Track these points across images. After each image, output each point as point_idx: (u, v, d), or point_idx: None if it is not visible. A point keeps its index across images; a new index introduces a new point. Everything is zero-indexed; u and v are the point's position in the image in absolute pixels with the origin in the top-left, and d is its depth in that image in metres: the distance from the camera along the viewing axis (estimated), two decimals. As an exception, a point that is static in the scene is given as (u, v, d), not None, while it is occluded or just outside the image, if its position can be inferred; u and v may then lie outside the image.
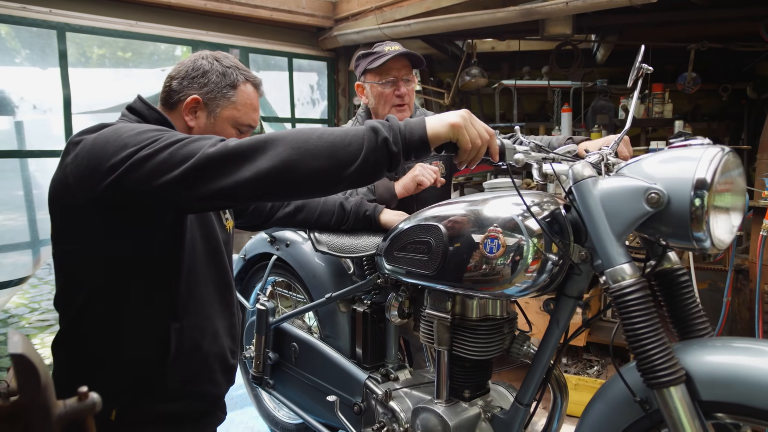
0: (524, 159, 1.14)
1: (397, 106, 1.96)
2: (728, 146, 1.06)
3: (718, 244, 1.03)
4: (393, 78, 1.94)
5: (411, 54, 1.92)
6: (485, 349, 1.39)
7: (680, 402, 1.01)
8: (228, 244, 1.50)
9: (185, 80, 1.31)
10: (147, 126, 1.18)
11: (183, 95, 1.31)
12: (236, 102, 1.33)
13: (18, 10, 2.90)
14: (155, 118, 1.29)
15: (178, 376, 1.30)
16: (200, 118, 1.32)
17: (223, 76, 1.32)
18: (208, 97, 1.31)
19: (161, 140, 1.09)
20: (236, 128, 1.36)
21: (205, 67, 1.31)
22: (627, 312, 1.05)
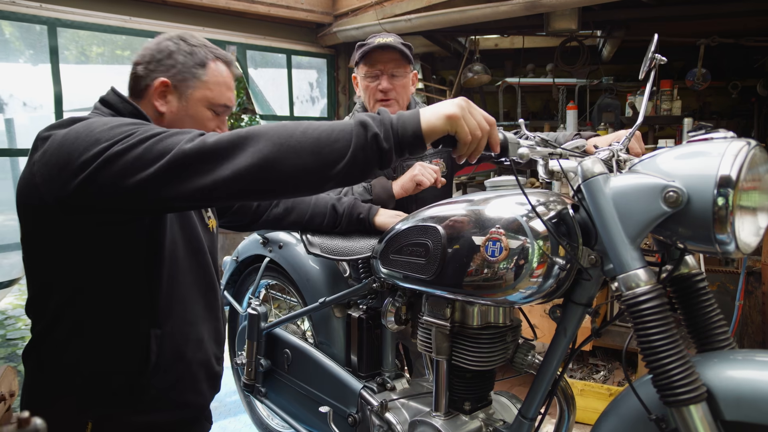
0: (529, 154, 1.05)
1: (381, 101, 1.84)
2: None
3: (743, 248, 0.93)
4: (378, 71, 1.83)
5: (395, 46, 1.78)
6: (487, 358, 1.29)
7: (701, 422, 0.91)
8: (212, 244, 1.43)
9: (151, 64, 1.23)
10: (121, 120, 1.11)
11: (150, 80, 1.24)
12: (208, 81, 1.26)
13: (7, 4, 2.83)
14: (130, 110, 1.21)
15: (160, 386, 1.22)
16: (171, 103, 1.25)
17: (191, 56, 1.25)
18: (177, 78, 1.24)
19: (136, 134, 1.02)
20: (211, 109, 1.28)
21: (171, 48, 1.24)
22: (642, 322, 0.96)
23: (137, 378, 1.19)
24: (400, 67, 1.82)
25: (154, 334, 1.20)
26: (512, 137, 1.07)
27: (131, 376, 1.19)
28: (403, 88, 1.84)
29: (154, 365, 1.20)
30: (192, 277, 1.31)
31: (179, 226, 1.27)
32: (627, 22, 3.76)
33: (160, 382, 1.22)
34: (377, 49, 1.80)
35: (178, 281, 1.26)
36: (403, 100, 1.87)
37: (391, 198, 1.75)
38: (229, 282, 2.26)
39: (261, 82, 4.05)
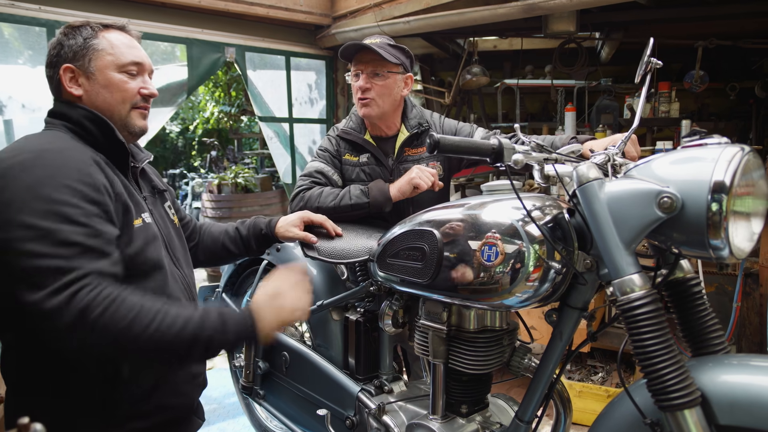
0: (524, 160, 1.05)
1: (360, 99, 1.85)
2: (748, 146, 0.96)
3: (737, 253, 0.94)
4: (359, 70, 1.84)
5: (373, 48, 1.78)
6: (484, 362, 1.30)
7: (696, 426, 0.92)
8: (181, 239, 1.45)
9: (51, 61, 1.23)
10: (71, 183, 1.07)
11: (57, 75, 1.23)
12: (105, 48, 1.24)
13: (6, 6, 2.83)
14: (83, 114, 1.21)
15: (133, 398, 1.21)
16: (83, 84, 1.23)
17: (78, 33, 1.23)
18: (75, 59, 1.22)
19: (56, 235, 1.02)
20: (123, 72, 1.25)
21: (60, 38, 1.24)
22: (636, 327, 0.96)
23: (110, 393, 1.18)
24: (380, 67, 1.81)
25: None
26: (507, 143, 1.08)
27: (104, 391, 1.17)
28: (385, 88, 1.82)
29: (127, 378, 1.18)
30: (172, 280, 1.30)
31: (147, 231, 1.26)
32: (625, 24, 3.76)
33: (132, 395, 1.20)
34: (361, 49, 1.81)
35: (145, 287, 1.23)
36: (384, 100, 1.84)
37: (388, 201, 1.75)
38: (227, 284, 2.26)
39: (260, 84, 4.05)
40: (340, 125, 1.99)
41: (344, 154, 1.93)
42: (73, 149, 1.15)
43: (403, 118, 1.94)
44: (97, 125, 1.22)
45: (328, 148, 1.95)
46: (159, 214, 1.37)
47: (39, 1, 2.94)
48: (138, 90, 1.28)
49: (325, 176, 1.89)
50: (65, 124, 1.21)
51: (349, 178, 1.92)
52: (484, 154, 1.07)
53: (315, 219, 1.69)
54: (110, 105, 1.25)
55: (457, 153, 1.07)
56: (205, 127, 8.30)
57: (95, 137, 1.22)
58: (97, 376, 1.16)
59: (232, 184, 5.07)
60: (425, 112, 1.99)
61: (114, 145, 1.24)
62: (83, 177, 1.10)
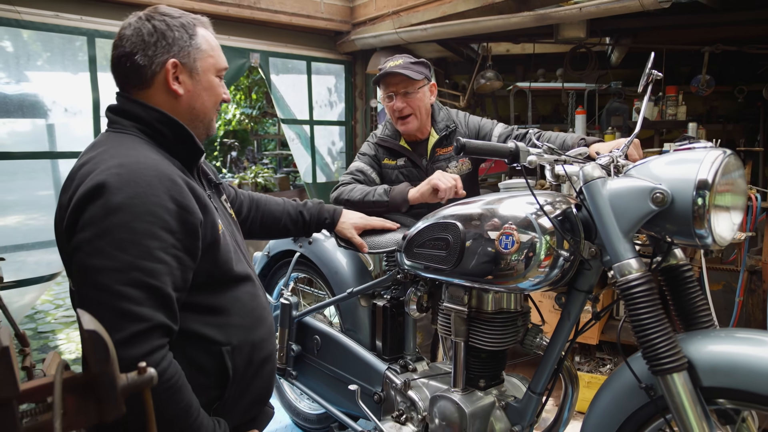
0: (537, 161, 1.22)
1: (399, 119, 2.07)
2: (733, 149, 1.12)
3: (719, 241, 1.10)
4: (391, 92, 2.04)
5: (399, 72, 1.97)
6: (500, 340, 1.46)
7: (683, 388, 1.08)
8: (239, 231, 1.45)
9: (148, 49, 1.15)
10: (156, 238, 1.05)
11: (156, 65, 1.16)
12: (207, 49, 1.22)
13: (51, 18, 3.04)
14: (156, 117, 1.17)
15: (235, 396, 1.26)
16: (185, 82, 1.20)
17: (184, 28, 1.19)
18: (182, 55, 1.18)
19: (131, 272, 1.02)
20: (217, 75, 1.26)
21: (161, 27, 1.16)
22: (633, 303, 1.12)
23: (218, 393, 1.21)
24: (410, 86, 2.02)
25: (225, 351, 1.21)
26: (523, 146, 1.24)
27: (212, 391, 1.21)
28: (418, 102, 2.04)
29: (232, 379, 1.22)
30: (255, 282, 1.35)
31: (228, 235, 1.28)
32: (634, 30, 3.90)
33: (235, 391, 1.25)
34: (387, 74, 2.01)
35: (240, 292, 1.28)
36: (421, 112, 2.06)
37: (405, 202, 1.92)
38: (260, 276, 2.44)
39: (282, 88, 4.23)
40: (377, 132, 2.21)
41: (383, 159, 2.16)
42: (162, 163, 1.12)
43: (432, 122, 2.15)
44: (173, 130, 1.19)
45: (367, 153, 2.18)
46: (221, 210, 1.36)
47: (80, 12, 3.15)
48: (222, 95, 1.28)
49: (365, 174, 2.11)
50: (136, 126, 1.18)
51: (389, 180, 2.14)
52: (503, 155, 1.24)
53: (376, 225, 1.86)
54: (206, 108, 1.24)
55: (480, 155, 1.25)
56: (226, 128, 8.52)
57: (168, 141, 1.19)
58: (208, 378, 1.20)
59: (252, 183, 5.27)
60: (451, 111, 2.19)
61: (189, 150, 1.22)
62: (174, 197, 1.08)
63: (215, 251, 1.19)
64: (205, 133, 1.29)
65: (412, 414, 1.65)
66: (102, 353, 0.73)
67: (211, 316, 1.20)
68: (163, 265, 1.05)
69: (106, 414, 0.74)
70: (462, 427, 1.47)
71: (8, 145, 3.07)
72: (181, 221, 1.09)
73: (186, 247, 1.10)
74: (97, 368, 0.73)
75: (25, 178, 3.17)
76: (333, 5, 4.10)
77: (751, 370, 1.03)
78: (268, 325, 1.36)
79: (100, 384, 0.74)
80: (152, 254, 1.03)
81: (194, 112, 1.23)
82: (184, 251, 1.10)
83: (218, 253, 1.19)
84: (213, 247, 1.18)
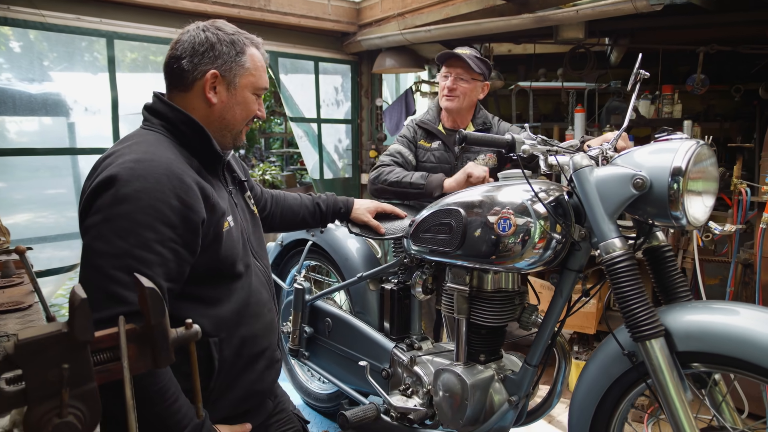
0: (530, 150, 1.35)
1: (446, 96, 2.30)
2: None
3: (693, 222, 1.23)
4: (448, 73, 2.28)
5: (464, 58, 2.21)
6: (498, 316, 1.60)
7: (660, 352, 1.21)
8: (258, 228, 1.52)
9: (195, 57, 1.25)
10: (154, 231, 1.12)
11: (198, 73, 1.26)
12: (250, 68, 1.31)
13: (73, 20, 3.19)
14: (180, 119, 1.27)
15: (221, 387, 1.30)
16: (221, 93, 1.29)
17: (232, 45, 1.28)
18: (224, 68, 1.27)
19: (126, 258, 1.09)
20: (255, 93, 1.35)
21: (212, 39, 1.26)
22: (616, 278, 1.26)
23: (203, 384, 1.25)
24: (466, 73, 2.25)
25: (213, 342, 1.26)
26: (519, 138, 1.38)
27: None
28: (467, 90, 2.27)
29: (217, 370, 1.27)
30: (258, 277, 1.41)
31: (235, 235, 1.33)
32: (632, 31, 4.02)
33: (221, 383, 1.29)
34: (453, 56, 2.25)
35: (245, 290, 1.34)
36: (465, 99, 2.28)
37: (439, 187, 2.11)
38: (273, 264, 2.58)
39: (291, 87, 4.37)
40: (417, 116, 2.45)
41: (419, 140, 2.37)
42: (175, 162, 1.19)
43: (472, 118, 2.38)
44: (195, 133, 1.27)
45: (406, 135, 2.39)
46: (241, 207, 1.43)
47: (100, 15, 3.30)
48: (256, 112, 1.37)
49: (403, 156, 2.31)
50: (164, 125, 1.27)
51: (420, 160, 2.34)
52: (500, 146, 1.38)
53: (387, 208, 2.00)
54: (236, 120, 1.33)
55: (479, 144, 1.39)
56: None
57: (191, 142, 1.28)
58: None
59: (259, 180, 5.42)
60: (488, 114, 2.44)
61: (210, 152, 1.30)
62: (179, 195, 1.15)
63: (217, 247, 1.25)
64: (232, 143, 1.37)
65: (418, 387, 1.78)
66: (159, 308, 0.86)
67: (203, 307, 1.26)
68: (156, 256, 1.12)
69: (160, 361, 0.88)
70: (464, 397, 1.60)
71: (32, 142, 3.23)
72: (183, 217, 1.15)
73: (185, 242, 1.17)
74: (154, 321, 0.86)
75: (47, 175, 3.33)
76: (340, 7, 4.24)
77: (719, 334, 1.16)
78: (266, 322, 1.40)
79: (156, 335, 0.88)
80: (148, 245, 1.11)
81: (224, 122, 1.32)
82: (182, 246, 1.16)
83: (219, 249, 1.26)
84: (215, 243, 1.25)
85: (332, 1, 4.17)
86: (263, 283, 1.43)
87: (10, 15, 3.00)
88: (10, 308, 1.67)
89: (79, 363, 0.82)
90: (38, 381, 0.78)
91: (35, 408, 0.77)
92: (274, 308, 1.49)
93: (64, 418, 0.77)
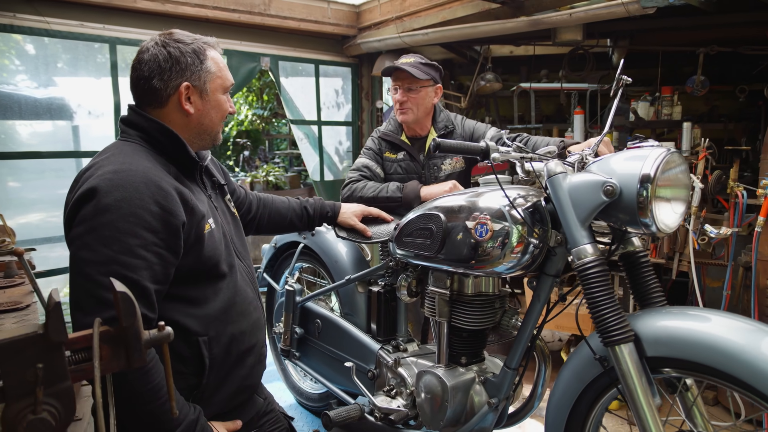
0: (500, 157, 1.37)
1: (398, 110, 2.28)
2: (673, 148, 1.27)
3: (663, 229, 1.25)
4: (396, 86, 2.26)
5: (406, 69, 2.17)
6: (479, 320, 1.62)
7: (629, 357, 1.22)
8: (239, 229, 1.58)
9: (164, 74, 1.30)
10: (137, 237, 1.18)
11: (171, 89, 1.31)
12: (215, 71, 1.36)
13: (76, 27, 3.25)
14: (156, 128, 1.32)
15: (213, 383, 1.36)
16: (195, 102, 1.35)
17: (195, 54, 1.32)
18: (194, 78, 1.32)
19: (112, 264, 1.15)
20: (225, 93, 1.41)
21: (175, 54, 1.30)
22: (588, 283, 1.27)
23: (196, 381, 1.33)
24: (414, 83, 2.21)
25: (202, 341, 1.32)
26: (493, 145, 1.40)
27: (189, 378, 1.32)
28: (418, 99, 2.24)
29: (209, 368, 1.33)
30: (242, 277, 1.46)
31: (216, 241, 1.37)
32: (631, 33, 4.01)
33: (214, 380, 1.35)
34: (396, 69, 2.21)
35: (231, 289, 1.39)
36: (419, 108, 2.26)
37: (417, 198, 2.12)
38: (268, 266, 2.62)
39: (291, 90, 4.41)
40: (381, 128, 2.42)
41: (384, 152, 2.36)
42: (152, 170, 1.24)
43: (432, 122, 2.35)
44: (171, 141, 1.33)
45: (371, 147, 2.38)
46: (221, 210, 1.49)
47: (103, 21, 3.36)
48: (228, 109, 1.44)
49: (370, 170, 2.30)
50: (140, 135, 1.32)
51: (388, 172, 2.34)
52: (475, 153, 1.40)
53: (373, 212, 2.03)
54: (213, 123, 1.40)
55: (454, 152, 1.41)
56: (239, 128, 8.76)
57: (167, 150, 1.34)
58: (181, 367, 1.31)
59: (263, 181, 5.47)
60: (451, 114, 2.39)
61: (185, 158, 1.36)
62: (158, 201, 1.20)
63: (199, 248, 1.30)
64: (211, 142, 1.43)
65: (402, 389, 1.81)
66: (130, 311, 0.90)
67: (191, 307, 1.31)
68: (141, 260, 1.17)
69: (133, 361, 0.92)
70: (444, 399, 1.62)
71: (37, 145, 3.30)
72: (164, 222, 1.21)
73: (168, 245, 1.22)
74: (126, 323, 0.90)
75: (52, 177, 3.40)
76: (340, 11, 4.27)
77: (687, 340, 1.17)
78: (253, 320, 1.46)
79: (129, 336, 0.91)
80: (132, 250, 1.16)
81: (203, 127, 1.38)
82: (165, 249, 1.22)
83: (202, 250, 1.31)
84: (197, 245, 1.30)
85: (332, 5, 4.20)
86: (248, 282, 1.49)
87: (16, 22, 3.07)
88: (8, 308, 1.72)
89: (55, 363, 0.85)
90: (15, 379, 0.82)
91: (12, 405, 0.81)
92: (260, 306, 1.54)
93: (38, 415, 0.82)
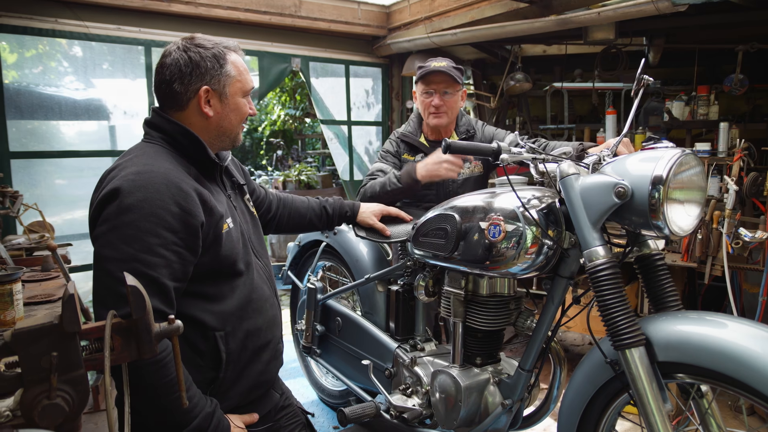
0: (508, 159, 1.37)
1: (433, 114, 2.27)
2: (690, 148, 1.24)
3: (676, 232, 1.22)
4: (432, 90, 2.24)
5: (446, 71, 2.17)
6: (494, 321, 1.62)
7: (640, 361, 1.21)
8: (257, 229, 1.61)
9: (184, 78, 1.34)
10: (157, 236, 1.22)
11: (191, 92, 1.35)
12: (235, 75, 1.39)
13: (114, 30, 3.39)
14: (178, 131, 1.37)
15: (230, 378, 1.39)
16: (215, 105, 1.38)
17: (215, 59, 1.35)
18: (213, 82, 1.36)
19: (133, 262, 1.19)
20: (244, 97, 1.44)
21: (195, 58, 1.34)
22: (599, 285, 1.26)
23: (213, 375, 1.37)
24: (450, 87, 2.23)
25: (219, 336, 1.36)
26: (504, 146, 1.40)
27: (207, 372, 1.36)
28: (453, 103, 2.26)
29: (225, 362, 1.36)
30: (259, 275, 1.49)
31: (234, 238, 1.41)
32: (666, 31, 3.90)
33: (231, 374, 1.39)
34: (433, 72, 2.21)
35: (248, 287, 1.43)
36: (453, 112, 2.28)
37: (417, 182, 2.08)
38: (292, 263, 2.67)
39: (322, 90, 4.48)
40: (400, 129, 2.42)
41: (403, 154, 2.36)
42: (173, 172, 1.28)
43: (456, 126, 2.36)
44: (192, 143, 1.37)
45: (389, 150, 2.38)
46: (240, 209, 1.52)
47: (139, 24, 3.49)
48: (248, 111, 1.47)
49: (384, 173, 2.28)
50: (163, 137, 1.37)
51: None
52: (486, 154, 1.40)
53: (392, 212, 2.05)
54: (233, 125, 1.43)
55: (464, 153, 1.42)
56: (272, 128, 8.93)
57: (189, 151, 1.38)
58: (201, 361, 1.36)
59: (295, 180, 5.56)
60: (472, 119, 2.41)
61: (205, 159, 1.40)
62: (178, 202, 1.24)
63: (217, 247, 1.34)
64: (231, 144, 1.47)
65: (417, 388, 1.82)
66: (141, 304, 0.95)
67: (208, 303, 1.35)
68: (161, 258, 1.22)
69: (143, 352, 0.97)
70: (458, 399, 1.63)
71: (78, 144, 3.46)
72: (183, 222, 1.25)
73: (187, 244, 1.26)
74: (136, 315, 0.95)
75: (90, 175, 3.55)
76: (370, 12, 4.31)
77: (698, 345, 1.15)
78: (269, 316, 1.50)
79: (139, 328, 0.96)
80: (152, 249, 1.21)
81: (222, 129, 1.42)
82: (184, 248, 1.26)
83: (220, 249, 1.35)
84: (215, 244, 1.34)
85: (362, 6, 4.24)
86: (264, 280, 1.53)
87: (58, 27, 3.22)
88: (42, 300, 1.83)
89: (69, 351, 0.91)
90: (32, 366, 0.88)
91: (29, 390, 0.87)
92: (276, 303, 1.58)
93: (52, 401, 0.87)
